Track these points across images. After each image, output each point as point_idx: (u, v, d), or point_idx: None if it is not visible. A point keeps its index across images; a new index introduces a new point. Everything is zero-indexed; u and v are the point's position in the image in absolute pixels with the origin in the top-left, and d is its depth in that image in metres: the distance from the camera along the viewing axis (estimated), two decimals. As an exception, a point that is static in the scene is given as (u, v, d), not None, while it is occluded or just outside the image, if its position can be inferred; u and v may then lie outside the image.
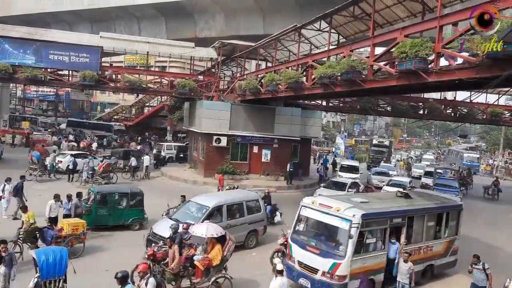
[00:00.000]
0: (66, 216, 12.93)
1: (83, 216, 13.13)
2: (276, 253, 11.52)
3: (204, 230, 9.64)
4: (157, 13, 36.54)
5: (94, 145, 35.04)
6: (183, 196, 15.21)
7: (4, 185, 14.85)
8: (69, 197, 13.39)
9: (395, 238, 10.64)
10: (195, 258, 9.50)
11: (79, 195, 13.68)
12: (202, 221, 11.35)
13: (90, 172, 21.70)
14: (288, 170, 25.55)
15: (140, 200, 14.80)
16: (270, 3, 30.16)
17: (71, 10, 38.93)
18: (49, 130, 46.90)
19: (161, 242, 10.78)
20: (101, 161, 23.95)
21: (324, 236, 10.43)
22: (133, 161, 25.09)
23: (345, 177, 24.88)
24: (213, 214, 12.44)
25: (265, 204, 15.33)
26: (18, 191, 15.17)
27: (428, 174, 31.14)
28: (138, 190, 15.14)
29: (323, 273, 9.44)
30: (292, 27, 19.19)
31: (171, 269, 9.12)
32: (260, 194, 15.13)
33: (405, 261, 9.80)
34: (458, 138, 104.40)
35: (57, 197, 13.14)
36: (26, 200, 14.86)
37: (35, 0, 39.71)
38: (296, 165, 26.66)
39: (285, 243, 11.07)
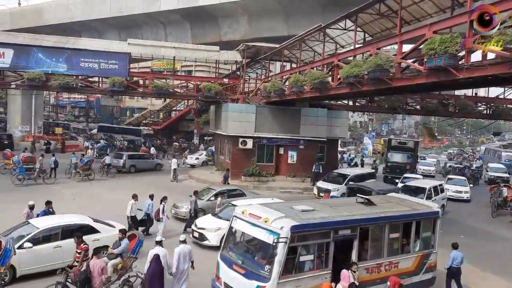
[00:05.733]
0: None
1: None
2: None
3: None
4: (182, 18, 37.11)
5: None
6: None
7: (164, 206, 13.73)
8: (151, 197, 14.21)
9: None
10: None
11: None
12: None
13: None
14: (313, 171, 25.34)
15: None
16: (293, 5, 30.11)
17: (99, 18, 40.11)
18: (82, 135, 48.43)
19: None
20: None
21: (252, 253, 8.93)
22: (107, 159, 26.01)
23: None
24: None
25: None
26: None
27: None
28: None
29: None
30: (316, 27, 19.08)
31: None
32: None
33: None
34: (492, 136, 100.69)
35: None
36: None
37: (65, 10, 41.13)
38: (330, 167, 26.07)
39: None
